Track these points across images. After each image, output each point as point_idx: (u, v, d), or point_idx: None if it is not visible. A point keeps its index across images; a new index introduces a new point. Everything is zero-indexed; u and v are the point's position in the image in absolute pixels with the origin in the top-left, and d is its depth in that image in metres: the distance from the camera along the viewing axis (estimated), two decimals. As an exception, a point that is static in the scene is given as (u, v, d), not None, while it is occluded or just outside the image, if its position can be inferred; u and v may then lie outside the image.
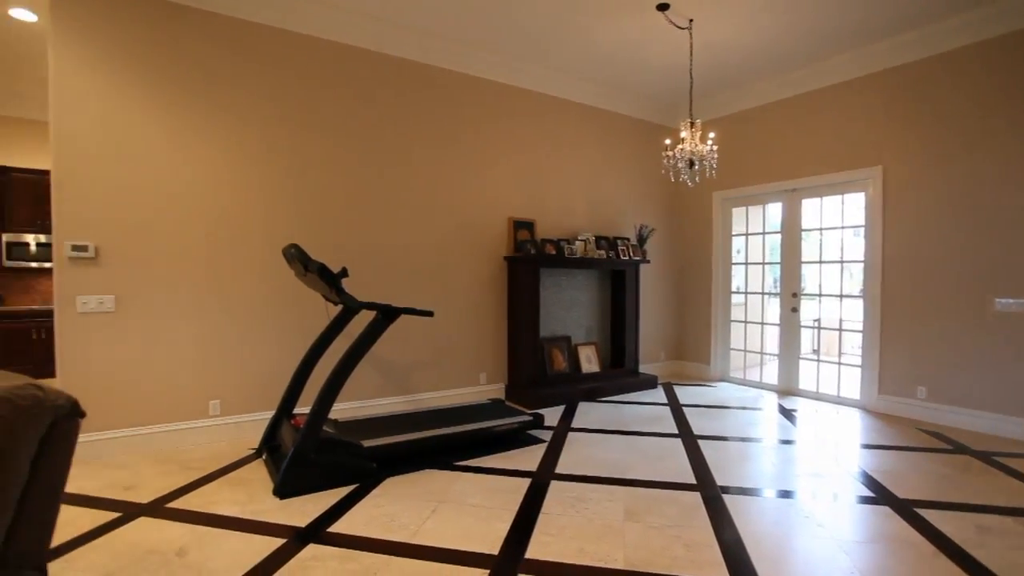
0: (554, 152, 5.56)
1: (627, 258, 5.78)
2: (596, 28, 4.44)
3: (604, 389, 5.40)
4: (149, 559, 2.30)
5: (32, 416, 1.19)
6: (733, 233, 6.22)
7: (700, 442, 3.95)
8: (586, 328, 5.86)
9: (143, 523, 2.64)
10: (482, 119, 5.04)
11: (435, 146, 4.78)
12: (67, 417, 1.27)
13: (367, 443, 3.25)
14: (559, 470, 3.38)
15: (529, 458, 3.58)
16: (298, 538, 2.49)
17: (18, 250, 6.06)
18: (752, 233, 6.14)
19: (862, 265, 4.99)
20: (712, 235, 6.31)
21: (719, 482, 3.19)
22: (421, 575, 2.19)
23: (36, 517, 1.26)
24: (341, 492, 3.01)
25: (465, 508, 2.82)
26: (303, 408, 3.74)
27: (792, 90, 5.40)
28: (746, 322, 6.17)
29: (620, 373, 5.77)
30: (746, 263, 6.19)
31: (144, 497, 2.92)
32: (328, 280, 3.11)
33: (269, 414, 3.88)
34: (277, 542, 2.45)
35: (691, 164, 4.23)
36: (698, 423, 4.47)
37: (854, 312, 5.27)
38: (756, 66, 5.19)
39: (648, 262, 6.06)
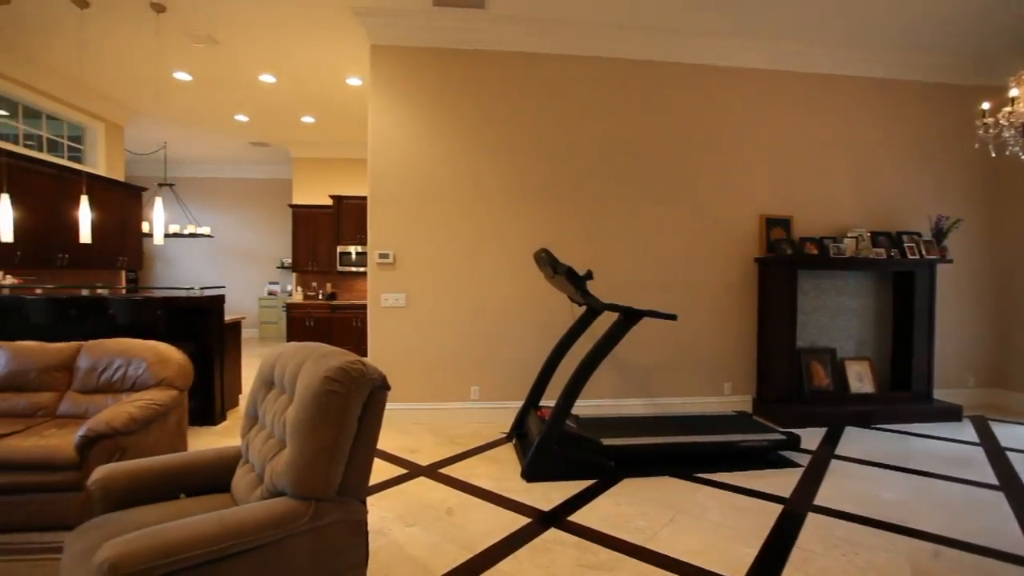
0: (815, 137, 4.85)
1: (917, 257, 4.68)
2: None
3: (880, 414, 4.49)
4: (427, 511, 2.79)
5: (359, 385, 1.59)
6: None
7: (1037, 501, 2.98)
8: (856, 340, 4.95)
9: (422, 481, 3.21)
10: (729, 108, 4.71)
11: (677, 143, 4.64)
12: (379, 388, 1.66)
13: (606, 441, 3.35)
14: (819, 502, 2.94)
15: (781, 482, 3.21)
16: (541, 520, 2.71)
17: (346, 258, 7.98)
18: None
19: None
20: (1062, 225, 4.68)
21: (1070, 560, 2.36)
22: (657, 582, 2.17)
23: (360, 462, 1.67)
24: (580, 485, 3.16)
25: (705, 523, 2.68)
26: (548, 401, 4.05)
27: None
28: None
29: (904, 398, 4.71)
30: None
31: (423, 460, 3.55)
32: (574, 282, 3.31)
33: (518, 403, 4.31)
34: (523, 520, 2.71)
35: (1025, 133, 3.22)
36: (1034, 475, 3.37)
37: None
38: None
39: (950, 261, 4.81)
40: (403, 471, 3.37)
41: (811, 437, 4.08)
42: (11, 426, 2.77)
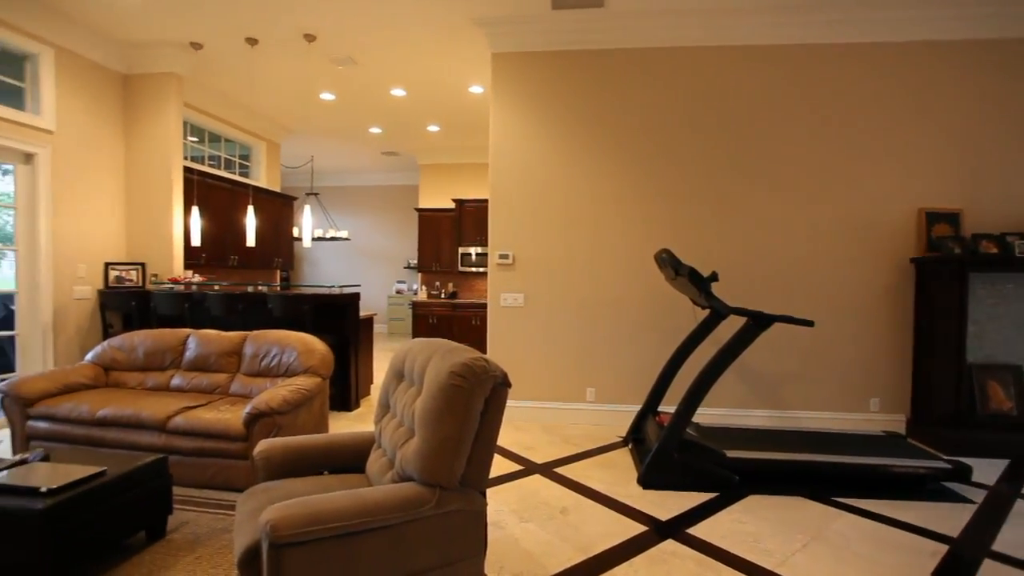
0: (992, 112, 4.12)
1: None
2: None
3: (1088, 450, 3.70)
4: (541, 508, 2.83)
5: (482, 381, 1.67)
6: None
7: None
8: (1053, 358, 4.13)
9: (537, 479, 3.26)
10: (878, 89, 4.17)
11: (810, 133, 4.22)
12: (501, 385, 1.72)
13: (730, 453, 3.15)
14: (999, 548, 2.51)
15: (946, 517, 2.78)
16: (658, 529, 2.62)
17: (466, 259, 8.35)
18: None
19: None
20: None
21: None
22: (788, 611, 2.00)
23: (481, 455, 1.75)
24: (699, 497, 3.01)
25: (846, 554, 2.41)
26: (667, 407, 3.91)
27: None
28: None
29: (1124, 431, 3.84)
30: None
31: (538, 458, 3.61)
32: (698, 284, 3.16)
33: (634, 407, 4.21)
34: (638, 527, 2.64)
35: None
36: None
37: None
38: None
39: None
40: (519, 467, 3.45)
41: (985, 469, 3.48)
42: (196, 400, 3.30)
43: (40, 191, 4.35)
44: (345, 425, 4.31)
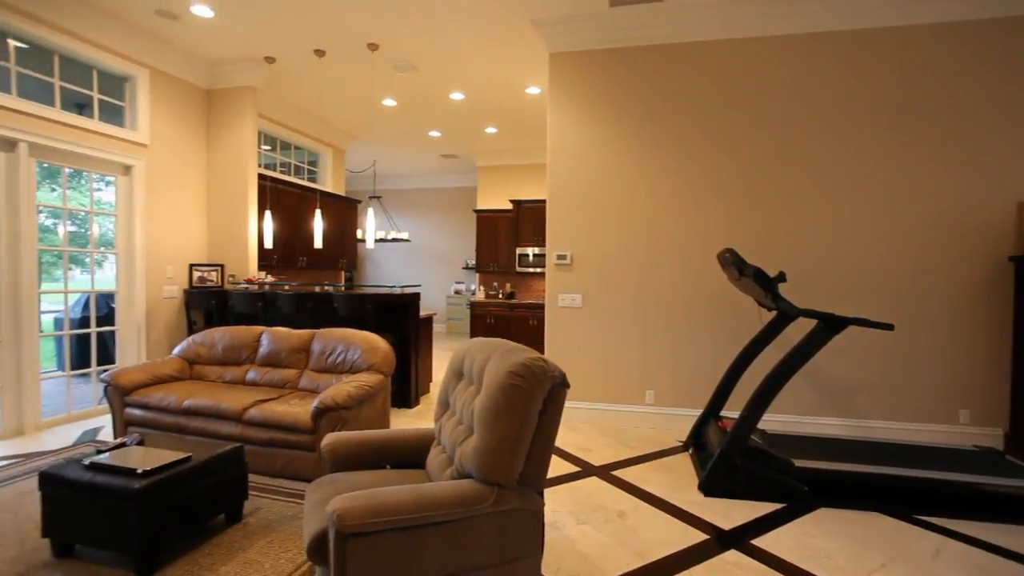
0: (1115, 99, 3.69)
1: None
2: None
3: None
4: (599, 511, 2.81)
5: (540, 381, 1.68)
6: None
7: None
8: None
9: (594, 481, 3.23)
10: (970, 73, 3.83)
11: (892, 125, 3.94)
12: (559, 385, 1.72)
13: (799, 462, 2.99)
14: (1112, 578, 2.25)
15: (1048, 543, 2.53)
16: (720, 539, 2.53)
17: (523, 259, 8.39)
18: None
19: None
20: None
21: None
22: (864, 632, 1.89)
23: (539, 455, 1.75)
24: (765, 507, 2.89)
25: (931, 576, 2.24)
26: (730, 412, 3.77)
27: None
28: None
29: None
30: None
31: (595, 460, 3.57)
32: (764, 284, 3.04)
33: (695, 410, 4.09)
34: (699, 535, 2.56)
35: None
36: None
37: None
38: None
39: None
40: (576, 468, 3.43)
41: (1099, 490, 3.13)
42: (268, 393, 3.50)
43: (136, 200, 4.76)
44: (405, 421, 4.44)
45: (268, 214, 5.58)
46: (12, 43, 3.93)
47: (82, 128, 4.32)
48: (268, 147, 6.73)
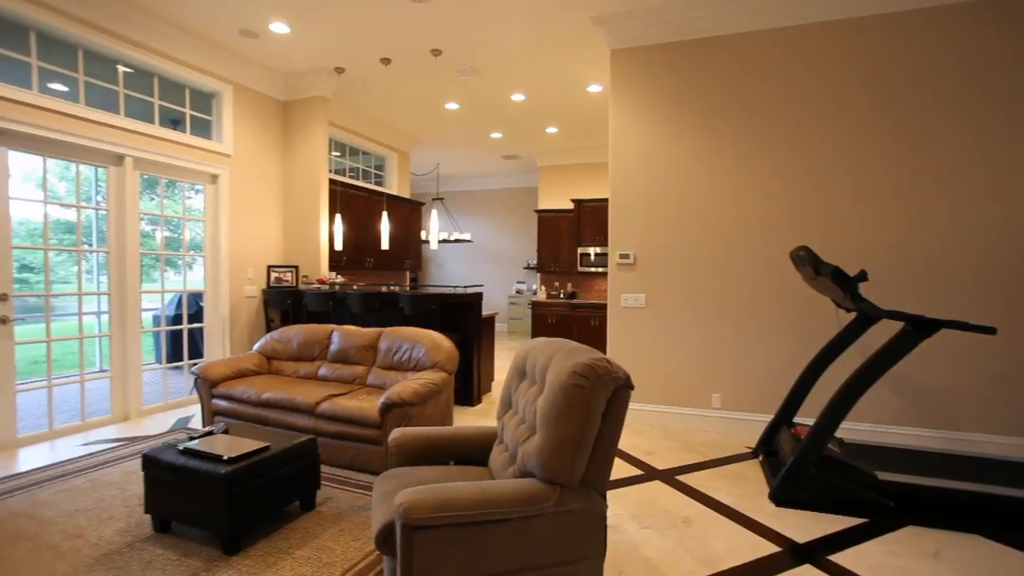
0: None
1: None
2: None
3: None
4: (662, 516, 2.75)
5: (604, 382, 1.66)
6: None
7: None
8: None
9: (657, 485, 3.16)
10: (1092, 53, 3.43)
11: (970, 106, 3.58)
12: (623, 387, 1.70)
13: (882, 475, 2.79)
14: None
15: None
16: (794, 552, 2.41)
17: (585, 259, 8.32)
18: None
19: None
20: None
21: None
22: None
23: (602, 456, 1.74)
24: (843, 521, 2.72)
25: (1039, 607, 2.03)
26: (803, 418, 3.57)
27: None
28: None
29: None
30: None
31: (659, 464, 3.49)
32: (843, 284, 2.86)
33: (764, 416, 3.90)
34: (770, 547, 2.45)
35: None
36: None
37: None
38: None
39: None
40: (638, 472, 3.37)
41: None
42: (338, 388, 3.67)
43: (221, 206, 5.14)
44: (468, 419, 4.52)
45: (338, 217, 5.85)
46: (120, 68, 4.36)
47: (177, 142, 4.72)
48: (338, 153, 7.05)
